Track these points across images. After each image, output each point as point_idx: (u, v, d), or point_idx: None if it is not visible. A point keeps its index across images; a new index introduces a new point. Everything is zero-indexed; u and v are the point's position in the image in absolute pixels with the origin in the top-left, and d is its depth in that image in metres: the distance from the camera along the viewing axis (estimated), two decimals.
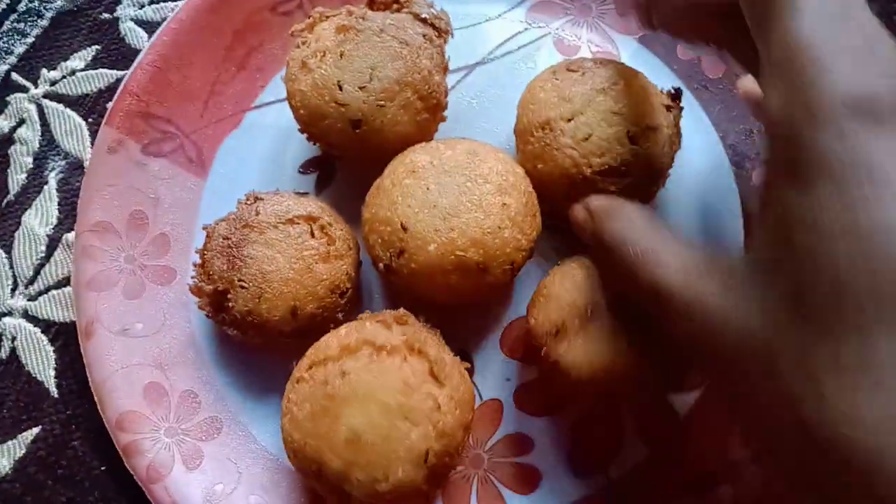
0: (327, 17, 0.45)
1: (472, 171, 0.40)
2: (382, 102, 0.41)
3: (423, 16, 0.44)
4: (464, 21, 0.52)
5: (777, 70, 0.26)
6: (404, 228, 0.39)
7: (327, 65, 0.42)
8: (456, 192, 0.39)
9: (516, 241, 0.39)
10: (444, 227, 0.38)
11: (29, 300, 0.48)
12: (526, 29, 0.52)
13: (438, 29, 0.44)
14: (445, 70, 0.44)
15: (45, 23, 0.54)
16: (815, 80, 0.24)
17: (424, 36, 0.43)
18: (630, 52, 0.51)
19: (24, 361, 0.47)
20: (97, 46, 0.54)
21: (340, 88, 0.41)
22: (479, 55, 0.51)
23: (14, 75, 0.53)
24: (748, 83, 0.45)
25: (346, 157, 0.47)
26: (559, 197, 0.42)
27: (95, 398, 0.43)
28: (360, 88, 0.41)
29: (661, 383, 0.40)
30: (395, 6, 0.45)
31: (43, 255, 0.49)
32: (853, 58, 0.25)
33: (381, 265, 0.40)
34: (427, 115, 0.43)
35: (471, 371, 0.45)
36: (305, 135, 0.44)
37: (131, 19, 0.54)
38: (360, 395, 0.37)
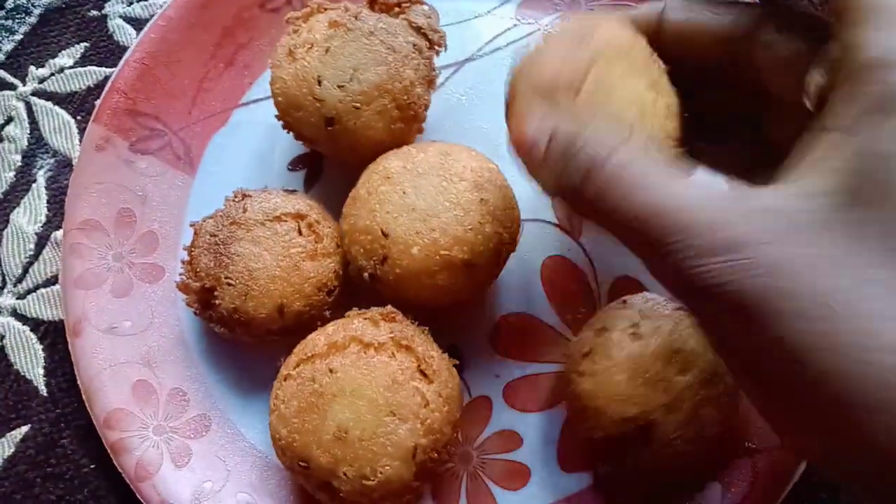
0: (325, 9, 0.44)
1: (445, 171, 0.40)
2: (358, 105, 0.41)
3: (418, 24, 0.44)
4: (453, 17, 0.51)
5: (879, 16, 0.25)
6: (385, 235, 0.39)
7: (312, 57, 0.42)
8: (432, 192, 0.39)
9: (498, 235, 0.39)
10: (426, 228, 0.39)
11: (18, 299, 0.48)
12: (515, 25, 0.52)
13: (431, 41, 0.44)
14: (431, 83, 0.44)
15: (33, 20, 0.54)
16: None
17: (414, 46, 0.43)
18: None
19: (12, 360, 0.47)
20: (86, 44, 0.54)
21: (319, 83, 0.41)
22: (469, 52, 0.51)
23: (2, 73, 0.53)
24: None
25: (322, 151, 0.47)
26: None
27: (83, 396, 0.43)
28: (339, 87, 0.41)
29: None
30: (395, 9, 0.44)
31: (31, 253, 0.49)
32: None
33: (365, 274, 0.40)
34: (402, 124, 0.43)
35: (459, 368, 0.45)
36: (282, 122, 0.44)
37: (120, 16, 0.54)
38: (348, 391, 0.37)
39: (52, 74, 0.53)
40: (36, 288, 0.48)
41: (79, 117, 0.52)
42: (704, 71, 0.35)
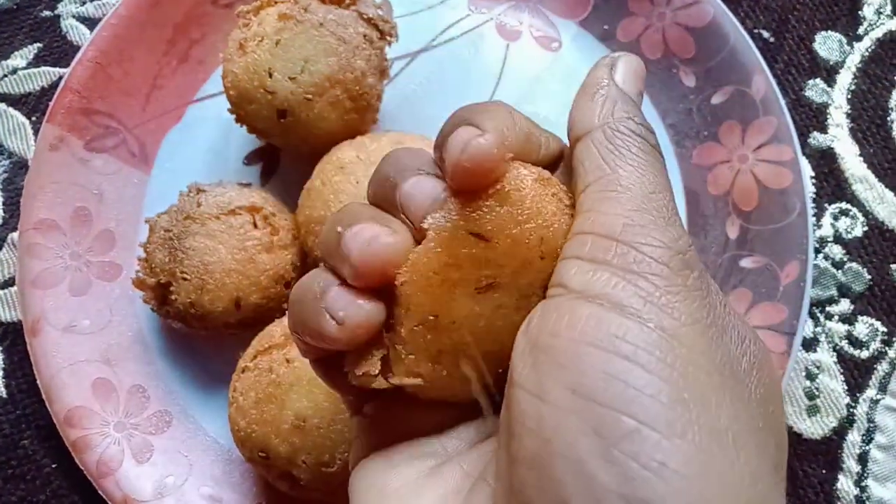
0: (275, 2, 0.45)
1: None
2: (310, 96, 0.41)
3: (369, 15, 0.44)
4: (407, 8, 0.52)
5: None
6: None
7: (262, 50, 0.42)
8: None
9: None
10: None
11: None
12: (468, 15, 0.52)
13: (381, 31, 0.44)
14: (383, 73, 0.45)
15: None
16: None
17: (365, 36, 0.43)
18: (571, 34, 0.51)
19: None
20: (39, 44, 0.53)
21: (271, 76, 0.41)
22: (422, 42, 0.51)
23: None
24: None
25: (276, 144, 0.47)
26: None
27: (43, 395, 0.43)
28: (291, 79, 0.41)
29: None
30: (346, 1, 0.45)
31: None
32: None
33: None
34: (355, 115, 0.43)
35: None
36: (234, 116, 0.44)
37: (72, 16, 0.54)
38: (305, 380, 0.38)
39: (6, 76, 0.52)
40: None
41: (34, 118, 0.52)
42: None
